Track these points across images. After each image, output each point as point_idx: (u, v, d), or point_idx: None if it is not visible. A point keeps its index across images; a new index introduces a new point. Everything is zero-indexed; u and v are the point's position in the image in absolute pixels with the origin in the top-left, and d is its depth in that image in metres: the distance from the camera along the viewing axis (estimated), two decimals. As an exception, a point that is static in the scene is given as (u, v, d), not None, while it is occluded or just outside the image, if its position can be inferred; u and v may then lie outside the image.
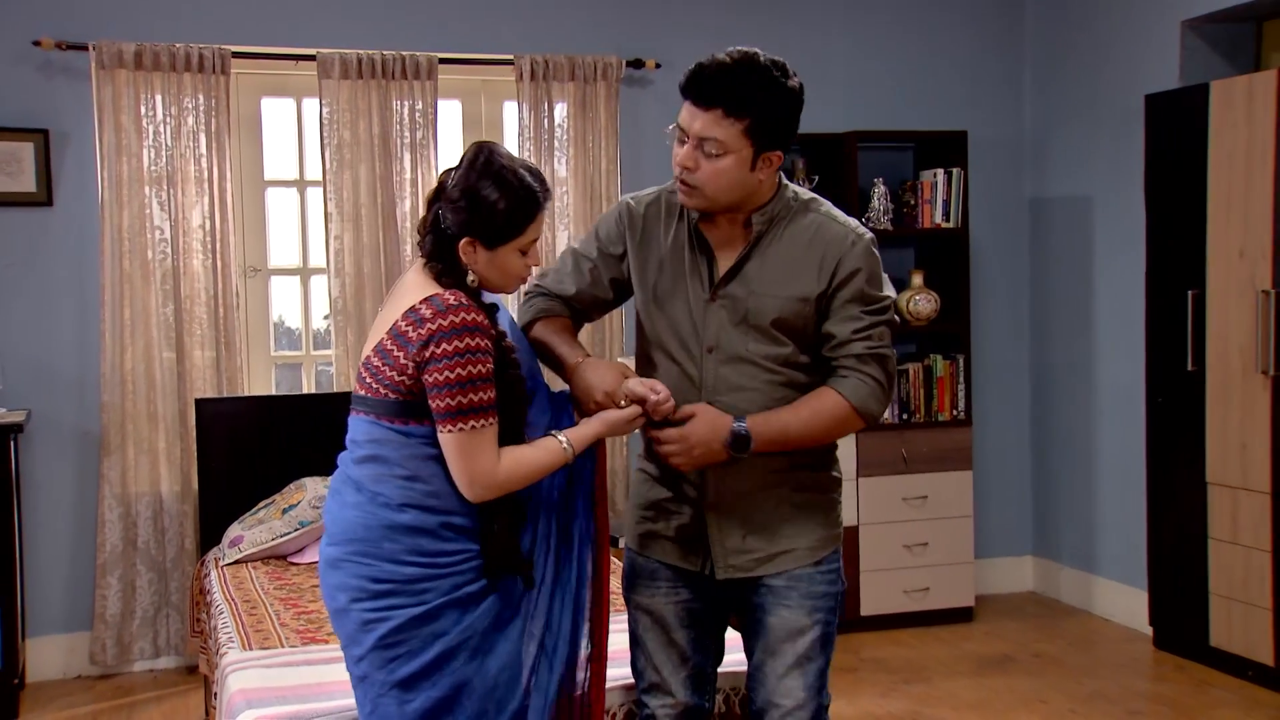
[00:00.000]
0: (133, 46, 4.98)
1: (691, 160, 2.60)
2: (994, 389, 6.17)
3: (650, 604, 2.84)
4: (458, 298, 2.46)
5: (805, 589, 2.71)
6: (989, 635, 5.56)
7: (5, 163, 5.01)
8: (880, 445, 5.57)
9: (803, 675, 2.72)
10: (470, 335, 2.43)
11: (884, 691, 4.85)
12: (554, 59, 5.43)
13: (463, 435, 2.45)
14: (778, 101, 2.60)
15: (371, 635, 2.49)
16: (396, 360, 2.47)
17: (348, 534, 2.53)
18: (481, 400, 2.45)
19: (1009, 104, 6.17)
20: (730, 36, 5.75)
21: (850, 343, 2.64)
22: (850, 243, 2.66)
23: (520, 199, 2.51)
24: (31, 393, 5.05)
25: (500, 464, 2.49)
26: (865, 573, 5.57)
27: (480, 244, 2.52)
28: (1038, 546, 6.27)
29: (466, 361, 2.42)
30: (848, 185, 5.56)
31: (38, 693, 4.99)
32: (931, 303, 5.69)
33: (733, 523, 2.73)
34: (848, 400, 2.62)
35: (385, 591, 2.49)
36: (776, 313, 2.65)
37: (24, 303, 5.07)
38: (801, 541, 2.72)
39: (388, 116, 5.29)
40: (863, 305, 2.66)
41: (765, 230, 2.68)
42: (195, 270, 5.11)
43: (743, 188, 2.63)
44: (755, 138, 2.58)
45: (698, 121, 2.58)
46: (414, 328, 2.45)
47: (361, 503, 2.52)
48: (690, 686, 2.85)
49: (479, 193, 2.49)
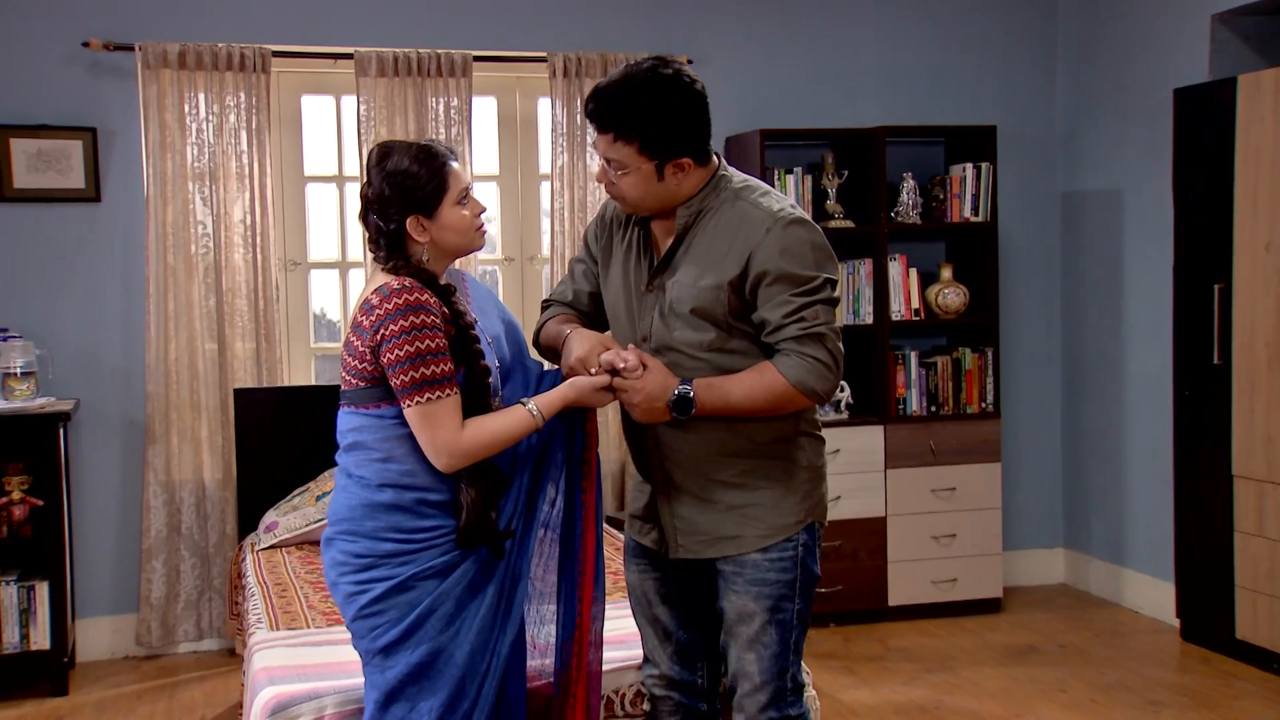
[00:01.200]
0: (177, 47, 5.11)
1: (605, 177, 2.74)
2: (1024, 382, 6.18)
3: (633, 580, 3.00)
4: (402, 281, 2.62)
5: (751, 575, 2.79)
6: (1015, 626, 5.58)
7: (56, 160, 5.16)
8: (908, 437, 5.60)
9: (757, 659, 2.80)
10: (415, 313, 2.58)
11: (907, 680, 4.89)
12: (586, 56, 5.50)
13: (422, 407, 2.60)
14: (664, 117, 2.65)
15: (354, 606, 2.68)
16: (356, 349, 2.64)
17: (336, 515, 2.73)
18: (437, 373, 2.59)
19: (1041, 98, 6.17)
20: (760, 31, 5.87)
21: (783, 326, 2.67)
22: (766, 227, 2.68)
23: (426, 160, 2.69)
24: (80, 382, 5.20)
25: (465, 432, 2.62)
26: (893, 563, 5.60)
27: (422, 216, 2.67)
28: (1069, 539, 6.26)
29: (415, 338, 2.57)
30: (876, 180, 5.58)
31: (87, 671, 5.14)
32: (960, 296, 5.71)
33: (682, 505, 2.83)
34: (784, 377, 2.67)
35: (366, 565, 2.67)
36: (693, 301, 2.72)
37: (73, 296, 5.22)
38: (749, 529, 2.79)
39: (423, 113, 5.38)
40: (790, 287, 2.66)
41: (692, 222, 2.76)
42: (236, 264, 5.23)
43: (661, 195, 2.73)
44: (650, 154, 2.67)
45: (600, 143, 2.71)
46: (365, 315, 2.61)
47: (348, 486, 2.72)
48: (677, 661, 2.97)
49: (393, 173, 2.66)
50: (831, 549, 5.49)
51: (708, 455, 2.78)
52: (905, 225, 5.68)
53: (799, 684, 2.87)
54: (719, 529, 2.80)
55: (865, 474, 5.55)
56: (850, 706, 4.60)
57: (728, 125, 5.73)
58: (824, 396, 2.71)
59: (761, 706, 2.82)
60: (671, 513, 2.85)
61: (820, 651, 5.21)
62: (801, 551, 2.82)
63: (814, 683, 4.79)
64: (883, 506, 5.57)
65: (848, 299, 5.63)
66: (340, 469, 2.76)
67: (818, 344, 2.66)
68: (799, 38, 5.90)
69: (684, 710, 3.01)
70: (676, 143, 2.67)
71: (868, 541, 5.57)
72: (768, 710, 2.82)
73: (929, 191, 5.82)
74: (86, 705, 4.76)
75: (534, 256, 5.79)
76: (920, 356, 5.73)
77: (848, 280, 5.62)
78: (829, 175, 5.68)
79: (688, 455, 2.80)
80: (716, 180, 2.76)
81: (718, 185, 2.76)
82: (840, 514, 5.49)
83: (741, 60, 5.83)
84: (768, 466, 2.80)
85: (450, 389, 2.62)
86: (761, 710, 2.82)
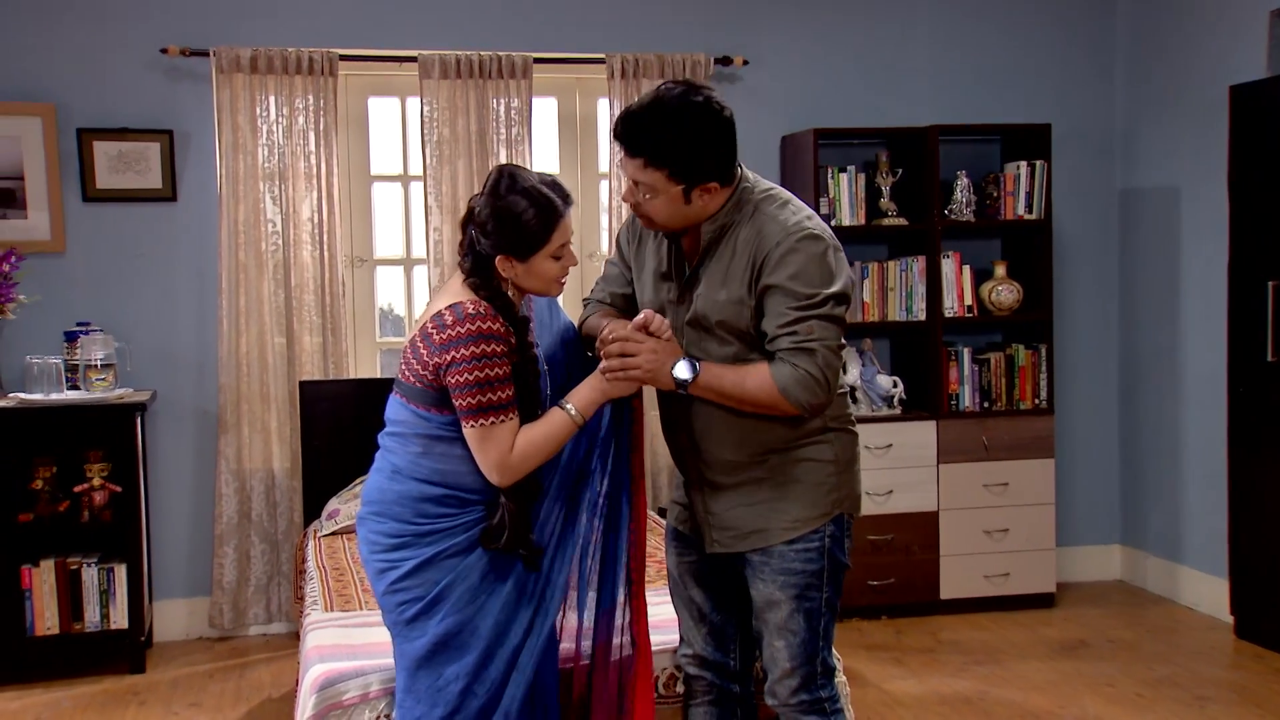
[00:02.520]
0: (249, 51, 5.29)
1: (631, 197, 2.79)
2: (1080, 378, 6.17)
3: (671, 563, 3.12)
4: (478, 307, 2.68)
5: (777, 565, 2.88)
6: (1068, 621, 5.59)
7: (135, 161, 5.37)
8: (961, 432, 5.63)
9: (786, 645, 2.90)
10: (485, 342, 2.66)
11: (955, 672, 4.93)
12: (644, 57, 5.60)
13: (483, 429, 2.71)
14: (694, 145, 2.69)
15: (383, 581, 2.82)
16: (421, 356, 2.72)
17: (369, 496, 2.86)
18: (498, 399, 2.69)
19: (1098, 96, 6.15)
20: (815, 32, 5.93)
21: (777, 337, 2.73)
22: (776, 242, 2.73)
23: (541, 210, 2.71)
24: (156, 374, 5.41)
25: (509, 457, 2.74)
26: (945, 557, 5.64)
27: (514, 258, 2.73)
28: (1125, 535, 6.25)
29: (483, 365, 2.66)
30: (930, 178, 5.62)
31: (163, 651, 5.36)
32: (1014, 293, 5.72)
33: (715, 502, 2.94)
34: (772, 380, 2.72)
35: (395, 545, 2.80)
36: (718, 314, 2.79)
37: (150, 291, 5.44)
38: (775, 521, 2.88)
39: (485, 114, 5.52)
40: (789, 300, 2.71)
41: (718, 237, 2.81)
42: (305, 261, 5.41)
43: (687, 215, 2.79)
44: (679, 179, 2.71)
45: (629, 166, 2.75)
46: (437, 331, 2.69)
47: (383, 469, 2.85)
48: (710, 642, 3.09)
49: (504, 212, 2.69)
50: (884, 542, 5.54)
51: (738, 454, 2.87)
52: (959, 223, 5.71)
53: (829, 668, 2.96)
54: (749, 524, 2.90)
55: (918, 469, 5.59)
56: (896, 697, 4.66)
57: (781, 125, 5.80)
58: (808, 409, 2.75)
59: (793, 690, 2.92)
60: (705, 509, 2.95)
61: (871, 643, 5.27)
62: (829, 542, 2.90)
63: (863, 673, 4.89)
64: (935, 501, 5.61)
65: (900, 295, 5.67)
66: (381, 451, 2.89)
67: (809, 357, 2.70)
68: (853, 37, 5.95)
69: (717, 691, 3.12)
70: (705, 169, 2.72)
71: (920, 535, 5.61)
72: (799, 694, 2.92)
73: (983, 189, 5.84)
74: (162, 683, 4.97)
75: (593, 254, 5.90)
76: (973, 353, 5.76)
77: (900, 277, 5.66)
78: (883, 174, 5.72)
79: (717, 454, 2.89)
80: (740, 194, 2.81)
81: (741, 198, 2.81)
82: (893, 508, 5.54)
83: (796, 60, 5.89)
84: (796, 461, 2.88)
85: (510, 414, 2.71)
86: (793, 694, 2.92)
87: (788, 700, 2.93)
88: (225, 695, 4.82)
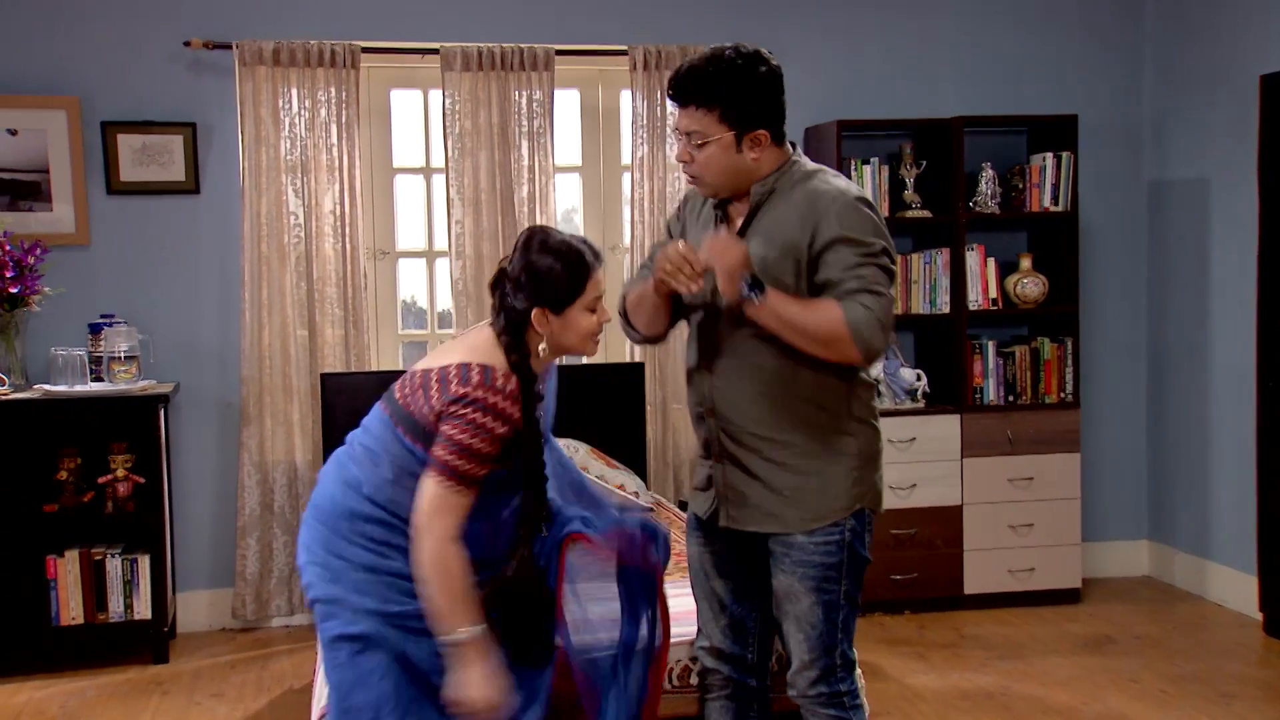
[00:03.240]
0: (271, 44, 5.33)
1: (685, 154, 2.89)
2: (1107, 372, 6.14)
3: (692, 553, 3.14)
4: (508, 383, 2.68)
5: (798, 556, 2.91)
6: (1093, 617, 5.56)
7: (158, 154, 5.42)
8: (985, 426, 5.61)
9: (806, 638, 2.93)
10: (493, 417, 2.65)
11: (977, 667, 4.92)
12: (666, 49, 5.60)
13: (441, 487, 2.65)
14: (745, 86, 2.81)
15: (309, 594, 2.78)
16: (430, 396, 2.69)
17: (319, 499, 2.81)
18: (472, 471, 2.66)
19: (1126, 86, 6.11)
20: (839, 22, 5.92)
21: (842, 281, 2.79)
22: (832, 198, 2.84)
23: (574, 262, 2.75)
24: (179, 366, 5.46)
25: (450, 543, 2.65)
26: (969, 552, 5.62)
27: (550, 311, 2.75)
28: (1153, 531, 6.21)
29: (478, 434, 2.64)
30: (954, 169, 5.60)
31: (186, 642, 5.41)
32: (1039, 286, 5.70)
33: (734, 478, 2.96)
34: (841, 313, 2.75)
35: (333, 566, 2.73)
36: (760, 264, 2.83)
37: (173, 283, 5.48)
38: (792, 511, 2.90)
39: (507, 107, 5.54)
40: (853, 249, 2.79)
41: (765, 199, 2.90)
42: (327, 253, 5.44)
43: (736, 169, 2.87)
44: (730, 122, 2.82)
45: (682, 119, 2.87)
46: (456, 382, 2.66)
47: (340, 479, 2.79)
48: (729, 635, 3.10)
49: (538, 265, 2.74)
50: (907, 536, 5.53)
51: (762, 434, 2.90)
52: (983, 215, 5.69)
53: (848, 660, 2.97)
54: (765, 505, 2.92)
55: (941, 462, 5.58)
56: (917, 691, 4.65)
57: (806, 116, 5.79)
58: (872, 351, 2.77)
59: (811, 682, 2.94)
60: (724, 483, 2.98)
61: (894, 638, 5.27)
62: (849, 536, 2.92)
63: (884, 667, 4.88)
64: (959, 495, 5.59)
65: (924, 288, 5.65)
66: (344, 453, 2.83)
67: (875, 299, 2.77)
68: (877, 29, 5.94)
69: (733, 685, 3.13)
70: (755, 113, 2.83)
71: (943, 530, 5.60)
72: (817, 685, 2.94)
73: (1008, 181, 5.82)
74: (185, 673, 5.01)
75: (615, 246, 5.91)
76: (998, 346, 5.74)
77: (924, 270, 5.65)
78: (907, 165, 5.71)
79: (744, 433, 2.92)
80: (790, 165, 2.92)
81: (791, 169, 2.91)
82: (916, 502, 5.53)
83: (820, 51, 5.88)
84: (818, 451, 2.91)
85: (471, 492, 2.67)
86: (811, 685, 2.94)
87: (806, 692, 2.95)
88: (247, 686, 4.87)
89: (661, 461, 5.71)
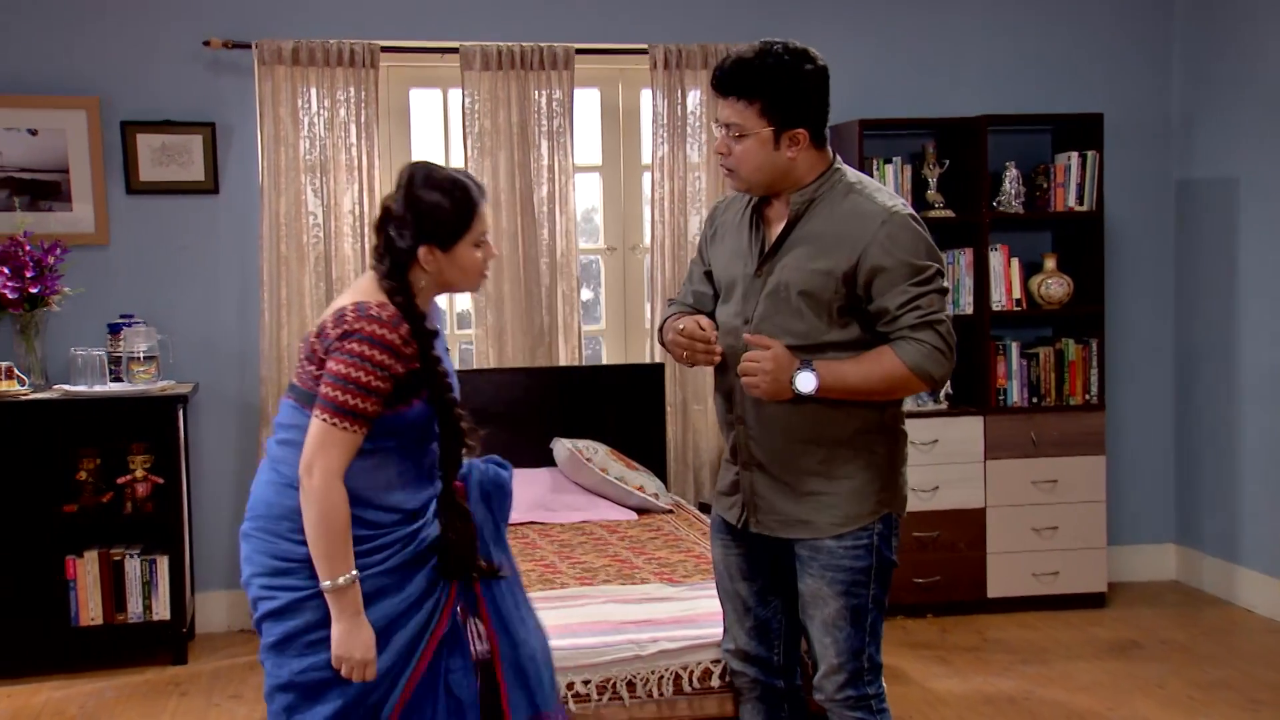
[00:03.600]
0: (290, 44, 5.34)
1: (724, 146, 2.87)
2: (1132, 374, 6.09)
3: (716, 556, 3.14)
4: (383, 310, 2.60)
5: (825, 561, 2.90)
6: (1119, 622, 5.52)
7: (178, 154, 5.44)
8: (1009, 428, 5.57)
9: (834, 641, 2.92)
10: (379, 349, 2.57)
11: (1000, 671, 4.89)
12: (687, 48, 5.58)
13: (324, 425, 2.58)
14: (788, 82, 2.80)
15: (260, 609, 2.71)
16: (315, 353, 2.65)
17: (255, 509, 2.74)
18: (357, 407, 2.57)
19: (1154, 83, 6.06)
20: (860, 20, 5.90)
21: (901, 315, 2.79)
22: (881, 220, 2.81)
23: (460, 197, 2.70)
24: (198, 366, 5.48)
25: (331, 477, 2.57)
26: (993, 555, 5.58)
27: (437, 247, 2.68)
28: (1181, 534, 6.16)
29: (363, 368, 2.56)
30: (978, 169, 5.56)
31: (205, 643, 5.42)
32: (1064, 286, 5.65)
33: (764, 485, 2.95)
34: (902, 360, 2.78)
35: (279, 570, 2.66)
36: (802, 284, 2.83)
37: (192, 283, 5.50)
38: (822, 516, 2.90)
39: (527, 106, 5.53)
40: (907, 277, 2.79)
41: (804, 210, 2.87)
42: (346, 253, 5.44)
43: (773, 166, 2.85)
44: (771, 117, 2.80)
45: (722, 110, 2.86)
46: (334, 325, 2.61)
47: (273, 480, 2.72)
48: (754, 637, 3.10)
49: (424, 201, 2.67)
50: (930, 539, 5.50)
51: (791, 442, 2.90)
52: (1007, 215, 5.65)
53: (875, 664, 2.97)
54: (795, 512, 2.92)
55: (964, 464, 5.54)
56: (940, 695, 4.62)
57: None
58: (939, 381, 2.84)
59: (839, 686, 2.94)
60: (753, 491, 2.98)
61: (916, 641, 5.24)
62: (877, 540, 2.92)
63: (906, 671, 4.86)
64: (982, 497, 5.56)
65: (947, 288, 5.62)
66: (267, 459, 2.76)
67: (933, 331, 2.79)
68: (899, 26, 5.91)
69: (761, 687, 3.14)
70: (796, 111, 2.82)
71: (966, 532, 5.56)
72: (845, 689, 2.94)
73: (1032, 181, 5.78)
74: (203, 674, 5.02)
75: (636, 246, 5.90)
76: (1022, 347, 5.70)
77: (947, 270, 5.60)
78: (929, 165, 5.68)
79: (773, 440, 2.92)
80: (831, 173, 2.90)
81: (831, 178, 2.89)
82: (939, 504, 5.50)
83: (841, 49, 5.80)
84: (847, 457, 2.90)
85: (359, 428, 2.59)
86: (839, 689, 2.94)
87: (834, 696, 2.96)
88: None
89: (682, 463, 5.70)
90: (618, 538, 4.79)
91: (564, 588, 4.05)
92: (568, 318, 5.62)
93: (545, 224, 5.54)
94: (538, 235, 5.55)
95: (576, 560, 4.44)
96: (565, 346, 5.63)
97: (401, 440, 2.70)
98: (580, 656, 3.42)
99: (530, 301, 5.58)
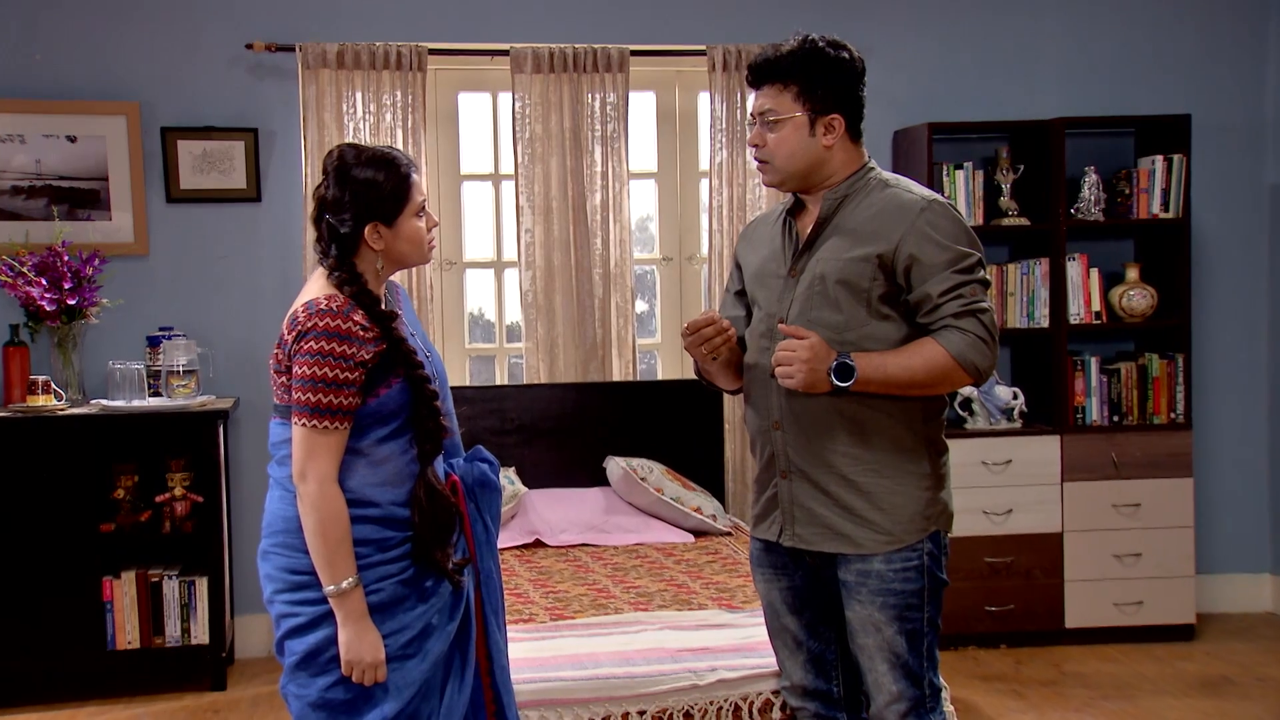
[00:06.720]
0: (335, 47, 5.41)
1: (759, 137, 2.94)
2: (1222, 391, 6.02)
3: (761, 590, 3.13)
4: (332, 302, 2.65)
5: (875, 586, 2.89)
6: (1209, 656, 5.44)
7: (219, 161, 5.53)
8: (1088, 448, 5.53)
9: (890, 669, 2.91)
10: (337, 341, 2.62)
11: (1079, 707, 4.84)
12: (746, 48, 5.60)
13: (305, 430, 2.64)
14: (822, 67, 2.88)
15: (280, 629, 2.77)
16: (281, 363, 2.71)
17: (271, 526, 2.79)
18: (331, 403, 2.63)
19: (1245, 82, 6.00)
20: (930, 20, 5.89)
21: (942, 304, 2.83)
22: (920, 208, 2.87)
23: (393, 169, 2.76)
24: (239, 381, 5.55)
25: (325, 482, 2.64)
26: (1070, 582, 5.53)
27: (381, 224, 2.74)
28: (1277, 564, 6.06)
29: (326, 364, 2.62)
30: (1055, 174, 5.53)
31: (245, 668, 5.48)
32: (1148, 298, 5.60)
33: (801, 493, 2.95)
34: (945, 349, 2.80)
35: (301, 584, 2.72)
36: (839, 274, 2.87)
37: (233, 294, 5.58)
38: (864, 533, 2.89)
39: (579, 110, 5.57)
40: (949, 265, 2.83)
41: (838, 207, 2.93)
42: (391, 263, 5.49)
43: (808, 154, 2.91)
44: (806, 101, 2.88)
45: (757, 100, 2.93)
46: (289, 331, 2.67)
47: (283, 496, 2.77)
48: (810, 670, 3.09)
49: (359, 179, 2.73)
50: (1003, 565, 5.46)
51: (832, 446, 2.90)
52: (1086, 223, 5.61)
53: (936, 689, 2.97)
54: (835, 524, 2.92)
55: (1040, 486, 5.50)
56: (1014, 732, 4.59)
57: (895, 119, 5.76)
58: (983, 373, 2.84)
59: (901, 715, 2.93)
60: (792, 500, 2.97)
61: (989, 673, 5.20)
62: (928, 560, 2.91)
63: (978, 705, 4.82)
64: (1059, 522, 5.51)
65: (1021, 301, 5.59)
66: (271, 481, 2.82)
67: (976, 320, 2.82)
68: (971, 26, 5.89)
69: None
70: (831, 96, 2.88)
71: (1042, 559, 5.51)
72: (908, 718, 2.92)
73: (1113, 186, 5.74)
74: (243, 700, 5.08)
75: (692, 256, 5.92)
76: (1101, 363, 5.65)
77: (1021, 281, 5.59)
78: (1003, 170, 5.65)
79: (813, 444, 2.92)
80: (865, 171, 2.96)
81: (865, 175, 2.96)
82: (1012, 529, 5.46)
83: (910, 51, 5.85)
84: (891, 469, 2.90)
85: (340, 423, 2.65)
86: (902, 718, 2.92)
87: None
88: (306, 715, 4.92)
89: (740, 482, 5.70)
90: (674, 561, 4.80)
91: (618, 613, 4.06)
92: (621, 331, 5.64)
93: (598, 233, 5.57)
94: (591, 245, 5.59)
95: (631, 585, 4.45)
96: (619, 361, 5.65)
97: (397, 427, 2.75)
98: (636, 686, 3.42)
99: (583, 314, 5.61)
